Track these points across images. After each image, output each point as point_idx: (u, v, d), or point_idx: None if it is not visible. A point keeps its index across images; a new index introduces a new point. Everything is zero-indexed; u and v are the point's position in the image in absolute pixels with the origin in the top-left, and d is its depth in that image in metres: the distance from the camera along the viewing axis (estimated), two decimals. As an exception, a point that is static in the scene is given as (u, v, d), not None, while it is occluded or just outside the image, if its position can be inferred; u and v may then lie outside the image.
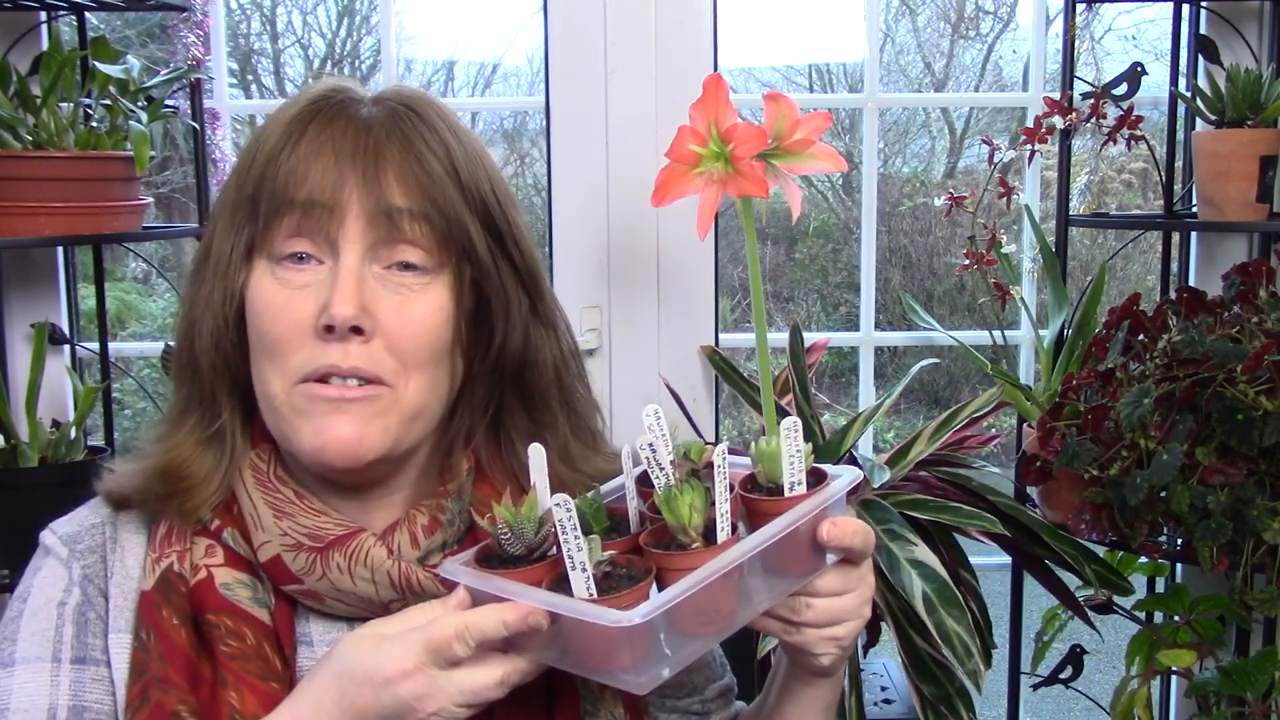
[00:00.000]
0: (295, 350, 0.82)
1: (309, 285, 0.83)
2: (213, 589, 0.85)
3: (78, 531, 0.91)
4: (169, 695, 0.81)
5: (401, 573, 0.85)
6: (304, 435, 0.83)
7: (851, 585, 0.85)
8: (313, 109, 0.86)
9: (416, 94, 0.89)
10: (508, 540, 0.76)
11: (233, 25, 4.87)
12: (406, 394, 0.84)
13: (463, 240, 0.86)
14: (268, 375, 0.84)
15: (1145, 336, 1.55)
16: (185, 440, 0.88)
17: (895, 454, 1.63)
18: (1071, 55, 1.78)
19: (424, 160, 0.84)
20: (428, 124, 0.86)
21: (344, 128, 0.84)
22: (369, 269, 0.83)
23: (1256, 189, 1.65)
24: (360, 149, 0.83)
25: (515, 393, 0.92)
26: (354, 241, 0.83)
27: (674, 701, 1.00)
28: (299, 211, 0.82)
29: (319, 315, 0.81)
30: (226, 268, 0.85)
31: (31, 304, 1.89)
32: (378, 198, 0.83)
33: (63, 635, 0.86)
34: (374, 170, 0.83)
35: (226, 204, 0.87)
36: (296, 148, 0.83)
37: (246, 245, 0.85)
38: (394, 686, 0.74)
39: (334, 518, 0.86)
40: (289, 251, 0.83)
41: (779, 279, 5.60)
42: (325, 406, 0.82)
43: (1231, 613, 1.56)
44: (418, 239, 0.84)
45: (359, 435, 0.82)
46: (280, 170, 0.83)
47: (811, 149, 0.82)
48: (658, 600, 0.71)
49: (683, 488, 0.76)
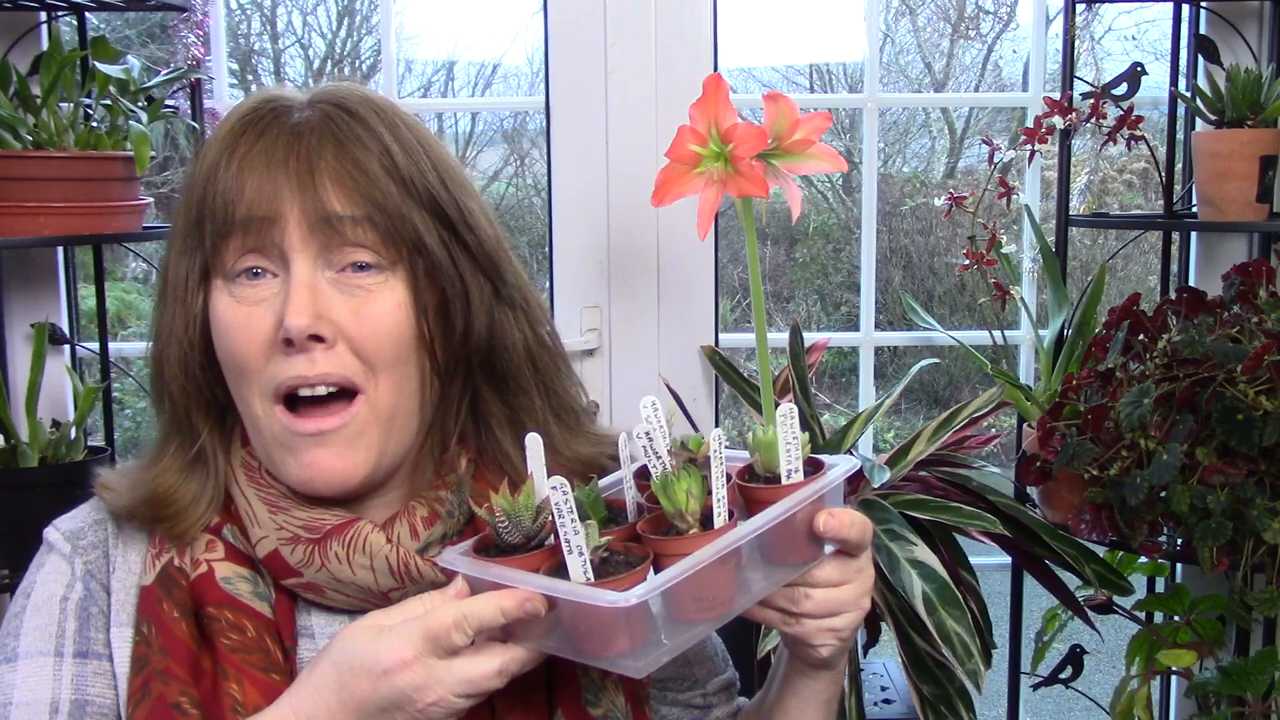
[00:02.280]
0: (262, 366, 0.83)
1: (265, 300, 0.83)
2: (213, 583, 0.85)
3: (80, 528, 0.91)
4: (170, 687, 0.82)
5: (400, 559, 0.85)
6: (290, 469, 0.84)
7: (850, 577, 0.85)
8: (244, 123, 0.85)
9: (352, 92, 0.88)
10: (505, 529, 0.76)
11: (233, 25, 4.87)
12: (377, 396, 0.84)
13: (410, 235, 0.85)
14: (245, 395, 0.85)
15: (1145, 336, 1.55)
16: (169, 467, 0.89)
17: (895, 454, 1.63)
18: (1071, 55, 1.78)
19: (359, 161, 0.84)
20: (362, 123, 0.85)
21: (275, 137, 0.84)
22: (321, 275, 0.83)
23: (1256, 189, 1.65)
24: (293, 157, 0.83)
25: (487, 379, 0.91)
26: (300, 250, 0.83)
27: (675, 694, 1.01)
28: (241, 228, 0.83)
29: (277, 329, 0.82)
30: (184, 292, 0.86)
31: (31, 304, 1.89)
32: (315, 205, 0.82)
33: (65, 630, 0.87)
34: (309, 178, 0.83)
35: (178, 229, 0.87)
36: (230, 164, 0.83)
37: (201, 267, 0.85)
38: (392, 677, 0.74)
39: (330, 510, 0.87)
40: (241, 268, 0.84)
41: (779, 279, 5.60)
42: (306, 441, 0.83)
43: (1231, 613, 1.56)
44: (363, 240, 0.83)
45: (347, 465, 0.84)
46: (218, 189, 0.83)
47: (811, 149, 0.82)
48: (655, 581, 0.71)
49: (679, 474, 0.77)
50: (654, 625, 0.73)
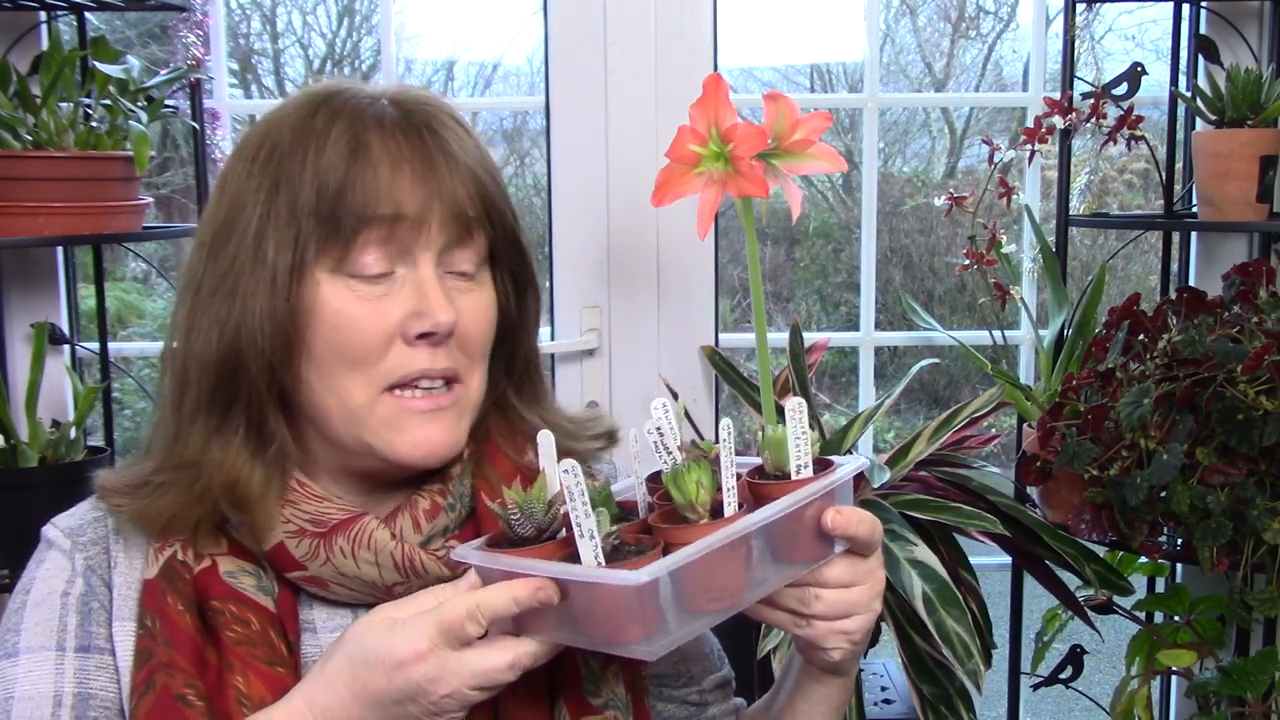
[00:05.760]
0: (381, 358, 0.85)
1: (386, 294, 0.85)
2: (217, 576, 0.86)
3: (80, 524, 0.91)
4: (175, 679, 0.82)
5: (405, 555, 0.85)
6: (401, 446, 0.86)
7: (861, 578, 0.85)
8: (361, 118, 0.86)
9: (434, 101, 0.91)
10: (517, 522, 0.77)
11: (233, 25, 4.87)
12: (472, 386, 0.90)
13: (507, 239, 0.92)
14: (348, 386, 0.85)
15: (1145, 336, 1.55)
16: (237, 456, 0.86)
17: (895, 454, 1.63)
18: (1071, 55, 1.78)
19: (473, 171, 0.88)
20: (455, 134, 0.89)
21: (404, 138, 0.86)
22: (436, 272, 0.86)
23: (1256, 189, 1.65)
24: (429, 163, 0.86)
25: (505, 369, 0.97)
26: (429, 249, 0.86)
27: (670, 690, 1.01)
28: (383, 226, 0.84)
29: (404, 322, 0.85)
30: (283, 282, 0.84)
31: (31, 304, 1.89)
32: (453, 206, 0.86)
33: (66, 624, 0.87)
34: (449, 179, 0.86)
35: (277, 218, 0.84)
36: (365, 160, 0.84)
37: (299, 258, 0.84)
38: (407, 669, 0.75)
39: (335, 503, 0.87)
40: (368, 263, 0.85)
41: (779, 279, 5.60)
42: (420, 418, 0.86)
43: (1231, 613, 1.56)
44: (479, 244, 0.89)
45: (454, 439, 0.88)
46: (357, 187, 0.83)
47: (811, 149, 0.82)
48: (666, 561, 0.72)
49: (690, 466, 0.77)
50: (665, 611, 0.73)
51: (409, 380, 0.86)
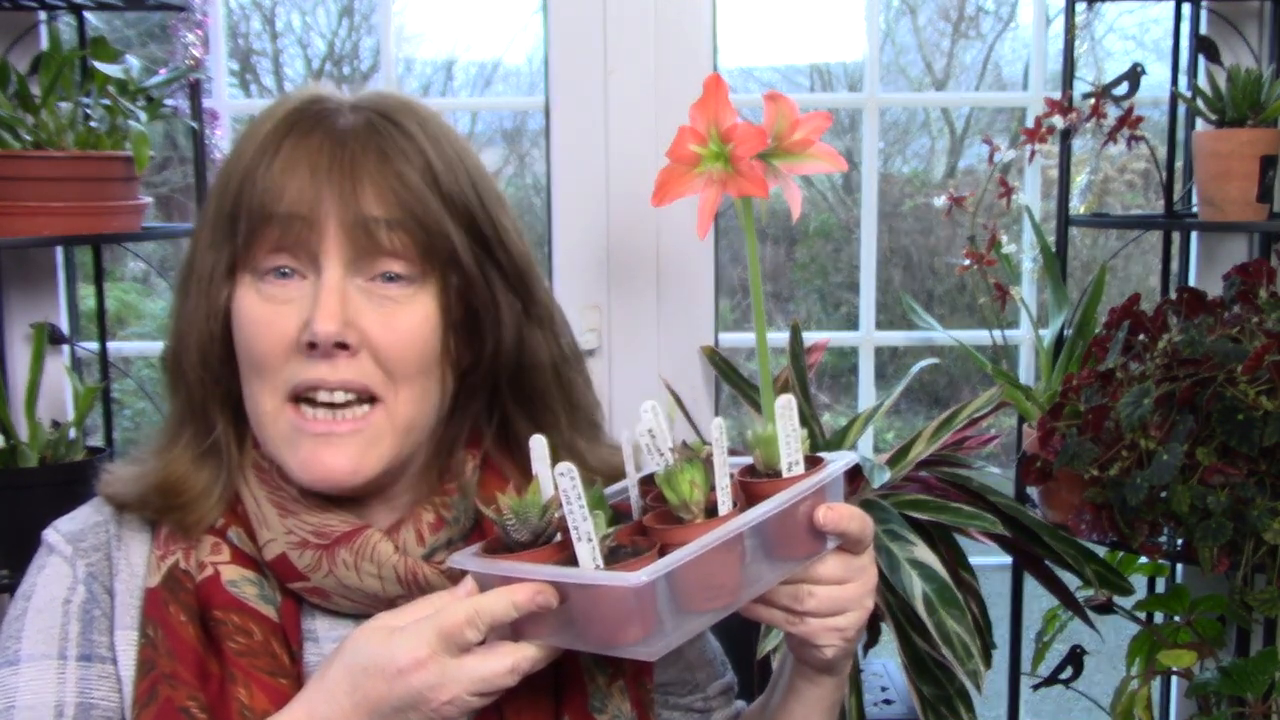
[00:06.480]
0: (281, 366, 0.83)
1: (293, 300, 0.83)
2: (219, 586, 0.85)
3: (81, 530, 0.90)
4: (178, 691, 0.81)
5: (408, 568, 0.85)
6: (293, 466, 0.84)
7: (853, 575, 0.85)
8: (288, 122, 0.85)
9: (395, 100, 0.88)
10: (513, 527, 0.76)
11: (232, 25, 4.87)
12: (396, 407, 0.84)
13: (446, 250, 0.85)
14: (257, 392, 0.84)
15: (1145, 336, 1.55)
16: (181, 455, 0.88)
17: (895, 454, 1.63)
18: (1071, 55, 1.78)
19: (401, 172, 0.83)
20: (405, 133, 0.85)
21: (320, 140, 0.83)
22: (351, 282, 0.83)
23: (1257, 189, 1.65)
24: (336, 162, 0.82)
25: (515, 397, 0.92)
26: (334, 255, 0.82)
27: (676, 699, 1.01)
28: (278, 226, 0.82)
29: (302, 331, 0.81)
30: (208, 284, 0.85)
31: (31, 304, 1.89)
32: (354, 211, 0.82)
33: (68, 633, 0.86)
34: (350, 184, 0.82)
35: (207, 220, 0.87)
36: (273, 162, 0.83)
37: (229, 261, 0.85)
38: (407, 677, 0.74)
39: (338, 515, 0.87)
40: (271, 266, 0.83)
41: (779, 279, 5.59)
42: (313, 441, 0.83)
43: (1231, 613, 1.56)
44: (398, 250, 0.83)
45: (354, 467, 0.83)
46: (258, 186, 0.83)
47: (811, 149, 0.82)
48: (664, 561, 0.72)
49: (683, 465, 0.77)
50: (663, 611, 0.74)
51: (304, 390, 0.83)
